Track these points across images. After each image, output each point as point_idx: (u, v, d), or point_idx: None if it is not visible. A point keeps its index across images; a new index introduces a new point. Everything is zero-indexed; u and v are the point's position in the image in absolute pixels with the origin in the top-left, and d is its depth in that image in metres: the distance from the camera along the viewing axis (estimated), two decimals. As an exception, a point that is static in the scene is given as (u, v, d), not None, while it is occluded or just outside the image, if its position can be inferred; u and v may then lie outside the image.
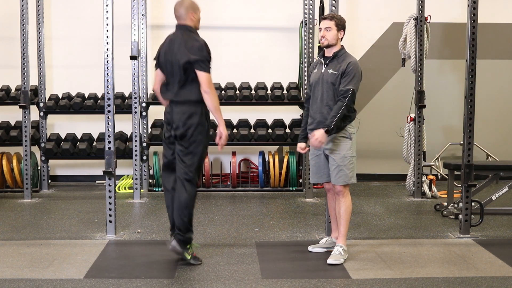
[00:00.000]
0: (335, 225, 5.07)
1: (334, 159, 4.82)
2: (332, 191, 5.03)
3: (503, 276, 4.56)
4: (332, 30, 4.82)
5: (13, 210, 6.82)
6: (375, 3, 8.79)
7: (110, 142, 5.52)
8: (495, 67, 8.79)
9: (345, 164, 4.81)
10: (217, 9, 8.62)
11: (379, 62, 8.80)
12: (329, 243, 5.12)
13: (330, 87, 4.79)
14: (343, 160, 4.81)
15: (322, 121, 4.77)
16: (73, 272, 4.60)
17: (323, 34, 4.83)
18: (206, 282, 4.41)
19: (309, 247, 5.15)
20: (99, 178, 8.32)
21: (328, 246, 5.09)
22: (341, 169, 4.81)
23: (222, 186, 8.28)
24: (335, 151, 4.82)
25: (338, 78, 4.76)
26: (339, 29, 4.84)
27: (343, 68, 4.77)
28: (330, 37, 4.82)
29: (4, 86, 8.15)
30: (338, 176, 4.82)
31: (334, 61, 4.84)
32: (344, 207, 4.90)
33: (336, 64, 4.81)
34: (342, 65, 4.78)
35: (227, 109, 8.33)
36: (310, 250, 5.12)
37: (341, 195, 4.88)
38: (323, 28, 4.84)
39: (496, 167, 6.53)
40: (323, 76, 4.83)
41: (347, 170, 4.82)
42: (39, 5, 7.87)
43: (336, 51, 4.85)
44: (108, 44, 5.53)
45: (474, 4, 5.44)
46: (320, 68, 4.90)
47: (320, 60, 4.96)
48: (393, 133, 8.04)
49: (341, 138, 4.81)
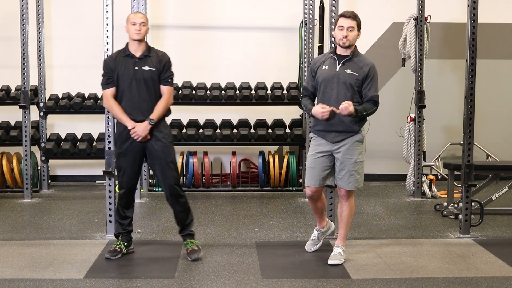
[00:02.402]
0: (320, 218, 5.08)
1: (345, 164, 4.73)
2: (315, 196, 4.90)
3: (503, 276, 4.56)
4: (354, 31, 4.70)
5: (13, 210, 6.82)
6: (375, 3, 8.78)
7: (110, 142, 5.52)
8: (495, 67, 8.79)
9: (356, 170, 4.74)
10: (217, 9, 8.61)
11: (379, 62, 8.65)
12: (321, 234, 5.14)
13: (348, 88, 4.65)
14: (354, 165, 4.73)
15: (336, 124, 4.67)
16: (73, 272, 4.60)
17: (346, 34, 4.65)
18: (206, 282, 4.41)
19: (306, 248, 5.14)
20: (99, 178, 8.32)
21: (321, 239, 5.13)
22: (352, 174, 4.73)
23: (222, 186, 8.28)
24: (347, 156, 4.72)
25: (359, 81, 4.66)
26: (359, 29, 4.75)
27: (365, 71, 4.67)
28: (352, 38, 4.69)
29: (4, 86, 8.15)
30: (349, 182, 4.74)
31: (351, 61, 4.71)
32: (348, 210, 4.86)
33: (354, 65, 4.69)
34: (364, 67, 4.68)
35: (227, 109, 8.36)
36: (308, 251, 5.12)
37: (346, 198, 4.83)
38: (345, 28, 4.66)
39: (496, 167, 6.53)
40: (339, 75, 4.68)
41: (358, 175, 4.76)
42: (39, 5, 7.87)
43: (353, 51, 4.74)
44: (108, 44, 5.53)
45: (474, 4, 5.44)
46: (333, 66, 4.73)
47: (331, 57, 4.78)
48: (393, 133, 8.04)
49: (355, 142, 4.72)
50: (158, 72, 4.89)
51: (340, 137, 4.73)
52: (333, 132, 4.73)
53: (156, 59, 4.92)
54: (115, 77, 4.88)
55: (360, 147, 4.77)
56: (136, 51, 4.90)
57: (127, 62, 4.88)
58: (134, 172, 4.99)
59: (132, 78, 4.85)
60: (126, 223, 5.07)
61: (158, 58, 4.92)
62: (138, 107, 4.86)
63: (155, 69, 4.88)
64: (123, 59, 4.90)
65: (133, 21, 4.87)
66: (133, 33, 4.86)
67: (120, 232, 5.07)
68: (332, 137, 4.74)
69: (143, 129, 4.82)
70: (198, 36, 8.40)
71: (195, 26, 8.21)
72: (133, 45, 4.91)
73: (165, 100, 4.92)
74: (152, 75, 4.87)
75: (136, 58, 4.88)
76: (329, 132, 4.74)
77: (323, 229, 5.14)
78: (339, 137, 4.73)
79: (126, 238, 5.07)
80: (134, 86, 4.85)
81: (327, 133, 4.75)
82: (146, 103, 4.87)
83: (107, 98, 4.92)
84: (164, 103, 4.91)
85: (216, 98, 7.98)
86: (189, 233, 5.06)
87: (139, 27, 4.85)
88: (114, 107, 4.88)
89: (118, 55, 4.94)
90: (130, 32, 4.89)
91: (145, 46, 4.95)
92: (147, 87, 4.86)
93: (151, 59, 4.91)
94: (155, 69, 4.88)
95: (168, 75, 4.95)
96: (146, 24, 4.91)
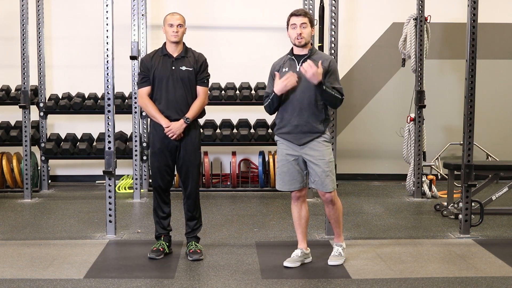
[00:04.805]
0: (302, 235, 4.80)
1: (319, 165, 4.58)
2: (301, 198, 4.75)
3: (503, 276, 4.56)
4: (308, 27, 4.60)
5: (13, 210, 6.82)
6: (375, 3, 8.79)
7: (110, 142, 5.52)
8: (495, 67, 8.79)
9: (330, 169, 4.62)
10: (217, 9, 8.62)
11: (379, 62, 8.80)
12: (302, 254, 4.80)
13: (311, 87, 4.51)
14: (328, 165, 4.61)
15: (301, 124, 4.56)
16: (73, 272, 4.60)
17: (300, 31, 4.55)
18: (206, 282, 4.41)
19: (284, 263, 4.73)
20: (99, 178, 8.32)
21: (302, 259, 4.78)
22: (327, 175, 4.60)
23: (222, 186, 8.28)
24: (319, 157, 4.58)
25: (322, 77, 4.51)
26: (312, 26, 4.66)
27: (325, 66, 4.56)
28: (306, 34, 4.59)
29: (4, 86, 8.15)
30: (326, 183, 4.59)
31: (310, 59, 4.55)
32: (337, 212, 4.78)
33: (313, 62, 4.51)
34: (324, 63, 4.56)
35: (227, 109, 8.36)
36: (285, 266, 4.70)
37: (331, 202, 4.71)
38: (298, 25, 4.55)
39: (496, 167, 6.53)
40: (300, 75, 4.53)
41: (332, 175, 4.65)
42: (39, 5, 7.87)
43: (310, 49, 4.64)
44: (108, 44, 5.53)
45: (474, 4, 5.44)
46: (293, 67, 4.60)
47: (290, 58, 4.66)
48: (393, 133, 8.04)
49: (324, 142, 4.63)
50: (195, 72, 4.91)
51: (306, 138, 4.60)
52: (298, 133, 4.60)
53: (193, 59, 4.93)
54: (151, 76, 4.89)
55: (330, 147, 4.68)
56: (174, 51, 4.91)
57: (165, 61, 4.89)
58: (168, 171, 4.99)
59: (169, 77, 4.85)
60: (166, 223, 5.08)
61: (195, 59, 4.94)
62: (174, 106, 4.86)
63: (192, 69, 4.90)
64: (161, 58, 4.91)
65: (170, 23, 4.86)
66: (170, 35, 4.86)
67: (161, 233, 5.07)
68: (298, 139, 4.60)
69: (178, 127, 4.83)
70: (198, 36, 8.38)
71: (195, 26, 8.19)
72: (171, 46, 4.91)
73: (200, 100, 4.93)
74: (189, 75, 4.88)
75: (173, 57, 4.89)
76: (295, 134, 4.61)
77: (306, 250, 4.83)
78: (305, 139, 4.60)
79: (167, 238, 5.08)
80: (171, 85, 4.86)
81: (293, 135, 4.61)
82: (182, 102, 4.87)
83: (142, 97, 4.92)
84: (199, 103, 4.92)
85: (216, 98, 7.98)
86: (195, 236, 5.09)
87: (176, 29, 4.85)
88: (149, 106, 4.89)
89: (156, 54, 4.95)
90: (167, 34, 4.88)
91: (183, 46, 4.96)
92: (184, 86, 4.87)
93: (188, 59, 4.91)
94: (192, 69, 4.89)
95: (205, 76, 4.96)
96: (184, 25, 4.91)
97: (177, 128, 4.83)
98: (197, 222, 5.10)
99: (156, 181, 5.00)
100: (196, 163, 5.00)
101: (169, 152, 4.93)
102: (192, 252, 4.93)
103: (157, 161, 4.96)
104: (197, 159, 5.02)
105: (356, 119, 8.87)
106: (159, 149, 4.93)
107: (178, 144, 4.90)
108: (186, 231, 5.09)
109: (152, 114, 4.90)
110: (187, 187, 4.99)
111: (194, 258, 4.89)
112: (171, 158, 4.96)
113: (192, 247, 4.98)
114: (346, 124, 8.83)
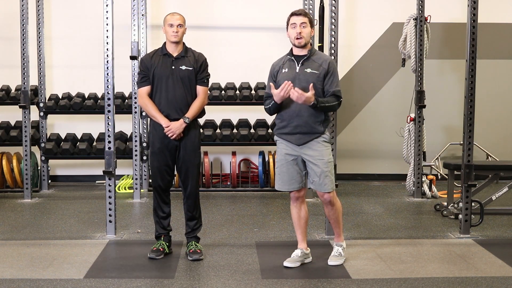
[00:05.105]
0: (302, 235, 4.80)
1: (318, 165, 4.57)
2: (300, 199, 4.74)
3: (503, 276, 4.56)
4: (307, 27, 4.60)
5: (13, 210, 6.82)
6: (375, 3, 8.79)
7: (110, 142, 5.52)
8: (495, 67, 8.79)
9: (329, 170, 4.62)
10: (217, 9, 8.62)
11: (379, 62, 8.80)
12: (302, 254, 4.80)
13: None
14: (327, 165, 4.60)
15: (301, 125, 4.56)
16: (73, 272, 4.60)
17: (300, 30, 4.54)
18: (206, 282, 4.41)
19: (284, 263, 4.73)
20: (99, 178, 8.32)
21: (302, 259, 4.78)
22: (326, 175, 4.59)
23: (222, 186, 8.28)
24: (318, 157, 4.58)
25: (320, 78, 4.56)
26: (312, 26, 4.66)
27: (324, 67, 4.57)
28: (306, 34, 4.58)
29: (4, 86, 8.15)
30: (325, 183, 4.59)
31: (310, 60, 4.59)
32: (336, 212, 4.77)
33: (313, 63, 4.58)
34: (323, 64, 4.58)
35: (227, 109, 8.36)
36: (285, 266, 4.71)
37: (329, 202, 4.70)
38: (298, 24, 4.55)
39: (496, 167, 6.53)
40: (300, 75, 4.56)
41: (331, 176, 4.64)
42: (39, 5, 7.87)
43: (310, 49, 4.64)
44: (108, 44, 5.53)
45: (474, 4, 5.44)
46: (293, 68, 4.61)
47: (289, 59, 4.66)
48: (393, 133, 8.05)
49: (323, 142, 4.62)
50: (195, 72, 4.91)
51: (305, 139, 4.59)
52: (298, 134, 4.59)
53: (193, 59, 4.93)
54: (151, 75, 4.89)
55: (329, 147, 4.68)
56: (174, 51, 4.91)
57: (165, 61, 4.89)
58: (168, 171, 4.99)
59: (169, 76, 4.86)
60: (166, 223, 5.08)
61: (195, 58, 4.94)
62: (174, 105, 4.87)
63: (192, 68, 4.90)
64: (160, 58, 4.91)
65: (170, 23, 4.87)
66: (170, 35, 4.87)
67: (161, 232, 5.07)
68: (297, 139, 4.60)
69: (178, 126, 4.83)
70: (198, 36, 8.38)
71: (195, 26, 8.19)
72: (171, 46, 4.91)
73: (200, 100, 4.94)
74: (189, 74, 4.89)
75: (173, 57, 4.90)
76: (294, 134, 4.60)
77: (306, 250, 4.84)
78: (305, 139, 4.59)
79: (167, 238, 5.08)
80: (171, 84, 4.86)
81: (292, 136, 4.61)
82: (182, 102, 4.87)
83: (141, 96, 4.92)
84: (199, 103, 4.92)
85: (216, 98, 7.99)
86: (195, 236, 5.09)
87: (176, 29, 4.85)
88: (149, 106, 4.89)
89: (155, 54, 4.95)
90: (167, 34, 4.88)
91: (183, 46, 4.96)
92: (183, 86, 4.87)
93: (188, 59, 4.92)
94: (191, 69, 4.90)
95: (205, 75, 4.96)
96: (184, 25, 4.91)
97: (177, 127, 4.83)
98: (197, 222, 5.10)
99: (156, 181, 5.01)
100: (196, 163, 5.00)
101: (169, 152, 4.93)
102: (192, 252, 4.94)
103: (157, 161, 4.96)
104: (197, 159, 5.02)
105: (356, 119, 8.87)
106: (159, 149, 4.93)
107: (178, 144, 4.90)
108: (186, 231, 5.09)
109: (151, 113, 4.90)
110: (187, 187, 4.99)
111: (194, 258, 4.90)
112: (171, 158, 4.96)
113: (192, 247, 4.98)
114: (346, 124, 8.83)
